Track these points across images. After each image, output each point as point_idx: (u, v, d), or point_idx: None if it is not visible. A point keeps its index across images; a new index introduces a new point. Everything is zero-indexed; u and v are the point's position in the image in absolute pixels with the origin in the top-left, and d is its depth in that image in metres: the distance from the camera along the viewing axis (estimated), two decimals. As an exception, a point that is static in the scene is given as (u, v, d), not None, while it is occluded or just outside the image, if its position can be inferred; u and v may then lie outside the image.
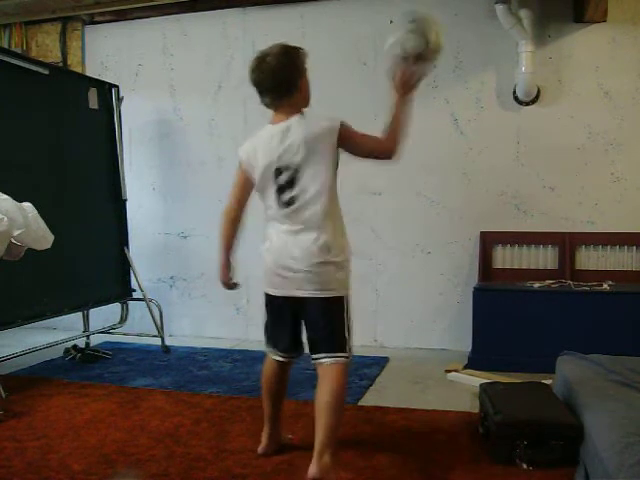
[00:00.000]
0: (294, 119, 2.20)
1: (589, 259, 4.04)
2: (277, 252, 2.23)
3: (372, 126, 2.22)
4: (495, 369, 3.52)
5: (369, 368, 3.75)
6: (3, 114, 3.45)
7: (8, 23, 4.88)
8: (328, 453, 2.11)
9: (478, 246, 4.15)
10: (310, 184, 2.17)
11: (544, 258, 4.11)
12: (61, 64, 4.83)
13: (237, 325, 4.69)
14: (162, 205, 4.82)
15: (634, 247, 3.97)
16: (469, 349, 3.79)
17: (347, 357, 2.24)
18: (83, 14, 4.77)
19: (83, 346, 4.18)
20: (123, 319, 4.54)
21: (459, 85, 4.18)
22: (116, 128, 4.32)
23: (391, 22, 4.26)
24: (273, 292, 2.29)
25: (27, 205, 2.94)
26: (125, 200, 4.39)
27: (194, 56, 4.67)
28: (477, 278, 4.08)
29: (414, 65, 2.17)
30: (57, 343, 4.03)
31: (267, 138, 2.23)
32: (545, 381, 2.89)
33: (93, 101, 4.13)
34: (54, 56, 4.88)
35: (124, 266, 4.38)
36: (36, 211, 2.96)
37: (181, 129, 4.74)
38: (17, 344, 4.14)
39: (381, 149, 2.23)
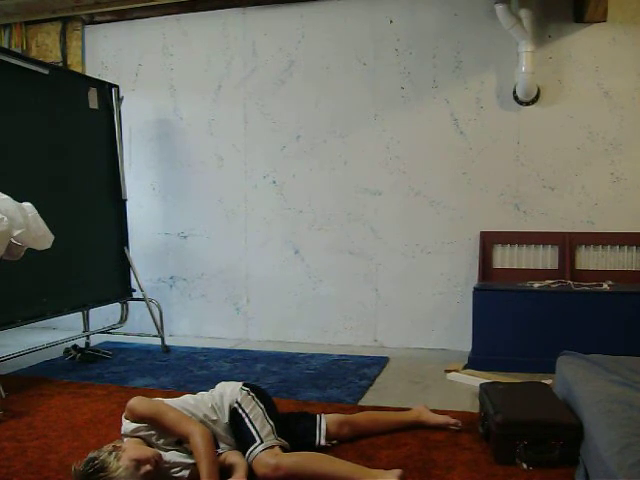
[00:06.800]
0: None
1: (589, 259, 4.05)
2: None
3: (372, 126, 2.22)
4: (495, 369, 3.53)
5: (369, 368, 3.75)
6: (3, 114, 3.44)
7: (8, 23, 4.88)
8: None
9: (478, 246, 4.15)
10: None
11: (544, 258, 4.11)
12: (61, 64, 4.83)
13: (237, 325, 4.70)
14: (162, 205, 4.82)
15: (634, 247, 3.97)
16: (469, 349, 3.79)
17: None
18: (83, 14, 4.77)
19: (83, 346, 4.19)
20: (123, 319, 4.54)
21: (459, 85, 4.18)
22: (116, 128, 4.31)
23: (391, 22, 4.27)
24: None
25: (27, 205, 2.94)
26: (125, 200, 4.39)
27: (194, 56, 4.67)
28: (477, 278, 4.08)
29: None
30: (57, 343, 4.02)
31: None
32: (545, 381, 2.89)
33: (93, 101, 4.13)
34: (54, 56, 4.88)
35: (124, 266, 4.38)
36: (36, 211, 2.96)
37: (181, 129, 4.74)
38: (17, 344, 4.15)
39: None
